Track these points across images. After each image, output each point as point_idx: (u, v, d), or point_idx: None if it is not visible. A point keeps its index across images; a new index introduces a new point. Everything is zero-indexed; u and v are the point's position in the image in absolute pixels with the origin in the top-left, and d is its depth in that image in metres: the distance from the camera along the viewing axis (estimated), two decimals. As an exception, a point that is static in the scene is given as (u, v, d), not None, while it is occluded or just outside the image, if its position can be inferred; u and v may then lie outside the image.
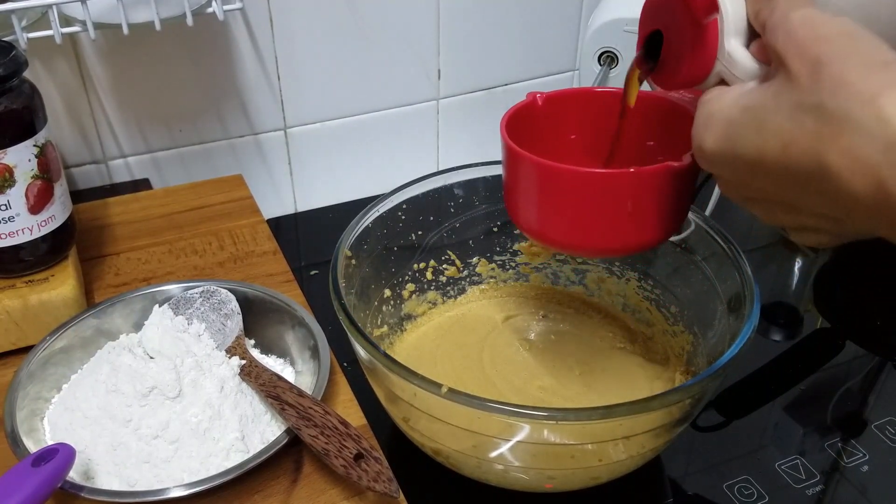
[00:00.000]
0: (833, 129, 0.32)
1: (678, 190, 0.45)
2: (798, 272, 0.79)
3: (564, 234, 0.47)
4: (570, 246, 0.51)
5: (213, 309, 0.57)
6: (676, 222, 0.47)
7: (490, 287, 0.67)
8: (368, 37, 0.81)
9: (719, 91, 0.38)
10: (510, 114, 0.49)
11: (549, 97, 0.51)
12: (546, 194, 0.46)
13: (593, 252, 0.59)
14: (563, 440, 0.47)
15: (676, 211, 0.47)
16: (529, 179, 0.47)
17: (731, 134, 0.36)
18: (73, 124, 0.75)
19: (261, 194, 0.82)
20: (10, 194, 0.54)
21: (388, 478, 0.45)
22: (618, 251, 0.55)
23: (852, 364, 0.66)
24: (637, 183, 0.44)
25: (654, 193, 0.44)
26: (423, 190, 0.62)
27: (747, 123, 0.36)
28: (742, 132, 0.36)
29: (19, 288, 0.57)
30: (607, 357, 0.61)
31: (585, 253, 0.61)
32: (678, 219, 0.47)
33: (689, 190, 0.46)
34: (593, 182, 0.44)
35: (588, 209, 0.45)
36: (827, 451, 0.58)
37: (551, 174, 0.45)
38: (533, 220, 0.48)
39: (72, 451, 0.44)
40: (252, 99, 0.80)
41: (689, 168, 0.43)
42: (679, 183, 0.45)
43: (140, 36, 0.71)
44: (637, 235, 0.46)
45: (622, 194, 0.44)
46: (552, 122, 0.51)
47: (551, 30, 0.89)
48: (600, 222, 0.46)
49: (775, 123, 0.34)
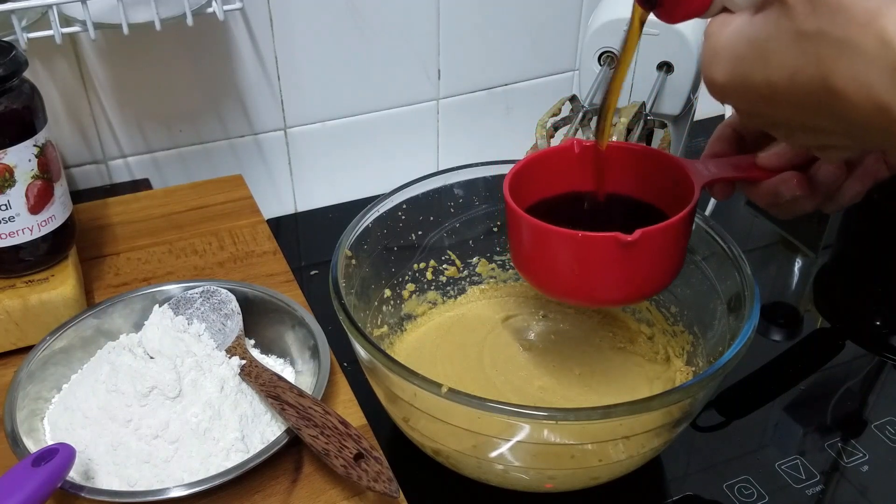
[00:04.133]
0: (835, 54, 0.32)
1: (662, 248, 0.47)
2: (798, 272, 0.79)
3: (548, 285, 0.51)
4: (558, 295, 0.54)
5: (213, 309, 0.57)
6: (671, 273, 0.49)
7: (490, 287, 0.67)
8: (368, 37, 0.81)
9: (721, 22, 0.37)
10: (523, 163, 0.51)
11: (587, 146, 0.51)
12: (526, 245, 0.49)
13: (585, 303, 0.61)
14: (563, 440, 0.47)
15: (667, 265, 0.48)
16: (517, 231, 0.50)
17: (738, 68, 0.36)
18: (73, 124, 0.75)
19: (261, 194, 0.82)
20: (10, 194, 0.54)
21: (388, 478, 0.45)
22: (606, 303, 0.59)
23: (852, 364, 0.66)
24: (588, 246, 0.46)
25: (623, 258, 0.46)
26: (423, 190, 0.62)
27: (753, 56, 0.35)
28: (749, 65, 0.36)
29: (19, 288, 0.57)
30: (607, 357, 0.61)
31: (578, 303, 0.63)
32: (673, 270, 0.49)
33: (676, 246, 0.48)
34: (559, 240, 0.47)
35: (566, 264, 0.48)
36: (827, 451, 0.58)
37: (530, 229, 0.48)
38: (518, 263, 0.52)
39: (72, 451, 0.44)
40: (252, 99, 0.80)
41: (641, 240, 0.44)
42: (660, 242, 0.46)
43: (140, 36, 0.71)
44: (620, 292, 0.48)
45: (573, 253, 0.47)
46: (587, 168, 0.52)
47: (551, 30, 0.89)
48: (578, 277, 0.48)
49: (779, 53, 0.34)
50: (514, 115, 0.93)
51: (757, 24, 0.35)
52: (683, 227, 0.47)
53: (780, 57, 0.34)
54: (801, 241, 0.81)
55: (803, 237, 0.81)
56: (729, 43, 0.36)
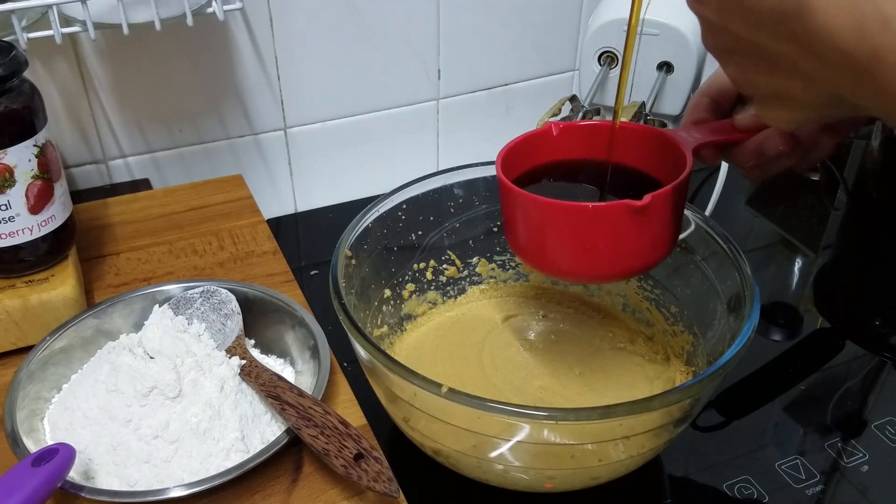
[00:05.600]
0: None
1: (668, 212, 0.46)
2: (798, 272, 0.79)
3: (537, 258, 0.50)
4: (548, 271, 0.54)
5: (213, 309, 0.57)
6: (674, 239, 0.49)
7: (490, 287, 0.67)
8: (368, 37, 0.81)
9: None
10: (513, 144, 0.51)
11: (564, 128, 0.51)
12: (519, 219, 0.49)
13: (582, 278, 0.60)
14: (563, 440, 0.47)
15: (672, 230, 0.48)
16: (519, 211, 0.49)
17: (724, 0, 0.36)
18: (73, 124, 0.75)
19: (261, 194, 0.82)
20: (10, 194, 0.54)
21: (388, 478, 0.45)
22: (613, 277, 0.58)
23: (852, 364, 0.66)
24: (599, 216, 0.45)
25: (625, 227, 0.45)
26: (423, 190, 0.62)
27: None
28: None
29: (19, 288, 0.57)
30: (607, 357, 0.61)
31: (573, 279, 0.63)
32: (675, 236, 0.49)
33: (679, 211, 0.48)
34: (558, 212, 0.46)
35: (558, 237, 0.47)
36: (827, 451, 0.58)
37: (523, 201, 0.47)
38: (511, 240, 0.51)
39: (72, 451, 0.44)
40: (252, 99, 0.80)
41: (652, 204, 0.44)
42: (668, 206, 0.46)
43: (140, 36, 0.71)
44: (604, 265, 0.48)
45: (583, 226, 0.46)
46: (564, 149, 0.52)
47: (551, 30, 0.89)
48: (575, 249, 0.47)
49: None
50: (514, 115, 0.93)
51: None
52: (685, 190, 0.47)
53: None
54: (801, 241, 0.81)
55: (803, 237, 0.81)
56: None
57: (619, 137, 0.50)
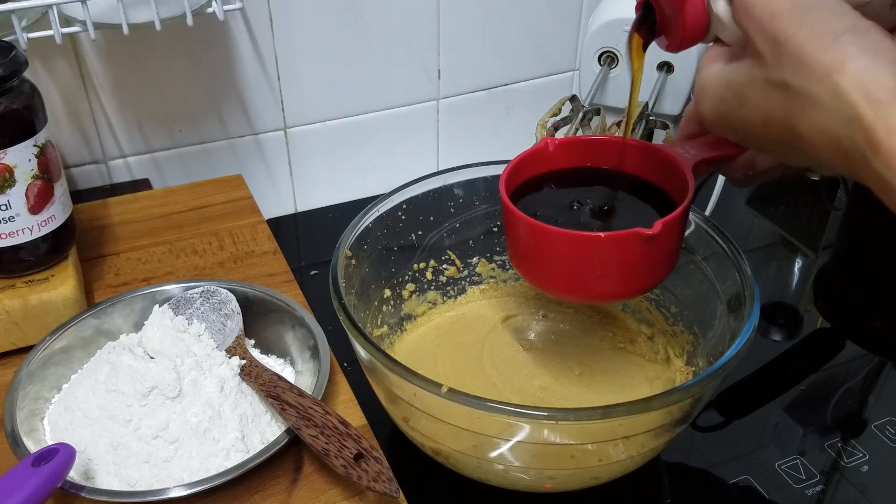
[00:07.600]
0: (800, 105, 0.35)
1: (675, 235, 0.47)
2: (798, 272, 0.79)
3: (544, 282, 0.50)
4: (555, 293, 0.55)
5: (213, 309, 0.57)
6: (666, 269, 0.49)
7: (490, 287, 0.67)
8: (368, 37, 0.81)
9: (710, 58, 0.40)
10: (512, 165, 0.51)
11: (561, 143, 0.52)
12: (528, 246, 0.49)
13: (589, 300, 0.62)
14: (563, 440, 0.47)
15: (675, 249, 0.48)
16: (518, 233, 0.49)
17: (720, 107, 0.40)
18: (73, 124, 0.75)
19: (261, 194, 0.82)
20: (10, 194, 0.54)
21: (388, 478, 0.45)
22: (606, 300, 0.60)
23: (852, 364, 0.66)
24: (610, 246, 0.46)
25: (628, 254, 0.46)
26: (423, 190, 0.62)
27: (732, 99, 0.39)
28: (729, 106, 0.39)
29: (19, 288, 0.57)
30: (607, 357, 0.61)
31: (579, 301, 0.63)
32: (678, 253, 0.49)
33: (683, 231, 0.48)
34: (561, 240, 0.46)
35: (561, 263, 0.48)
36: (827, 451, 0.58)
37: (531, 229, 0.47)
38: (516, 262, 0.52)
39: (72, 451, 0.44)
40: (252, 99, 0.80)
41: (662, 231, 0.45)
42: (675, 230, 0.47)
43: (140, 36, 0.71)
44: (613, 288, 0.49)
45: (593, 255, 0.46)
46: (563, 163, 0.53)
47: (551, 30, 0.89)
48: (579, 273, 0.48)
49: (753, 99, 0.37)
50: (514, 115, 0.93)
51: (735, 69, 0.38)
52: (688, 212, 0.48)
53: (754, 101, 0.37)
54: (801, 241, 0.81)
55: (803, 237, 0.81)
56: (713, 82, 0.40)
57: (620, 152, 0.51)
